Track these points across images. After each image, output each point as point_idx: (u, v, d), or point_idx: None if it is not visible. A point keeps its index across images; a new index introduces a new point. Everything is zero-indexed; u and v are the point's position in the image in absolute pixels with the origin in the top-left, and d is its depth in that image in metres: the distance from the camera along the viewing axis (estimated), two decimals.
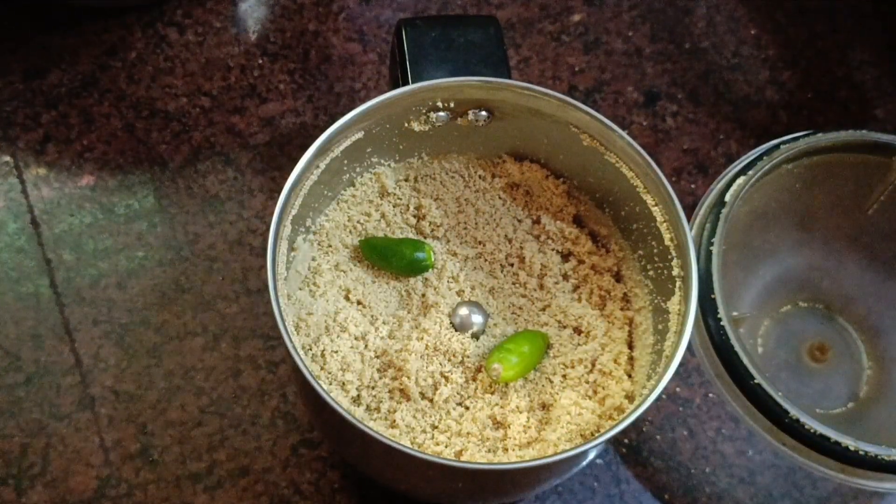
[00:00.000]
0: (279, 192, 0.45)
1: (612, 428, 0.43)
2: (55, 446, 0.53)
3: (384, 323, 0.50)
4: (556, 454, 0.44)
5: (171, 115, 0.62)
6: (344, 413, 0.41)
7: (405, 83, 0.51)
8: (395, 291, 0.51)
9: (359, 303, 0.50)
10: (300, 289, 0.50)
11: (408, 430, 0.47)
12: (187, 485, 0.52)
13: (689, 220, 0.48)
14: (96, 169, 0.60)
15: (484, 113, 0.51)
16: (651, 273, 0.50)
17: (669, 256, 0.48)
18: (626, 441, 0.55)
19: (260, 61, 0.64)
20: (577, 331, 0.51)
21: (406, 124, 0.51)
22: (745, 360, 0.47)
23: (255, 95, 0.63)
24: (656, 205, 0.49)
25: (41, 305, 0.56)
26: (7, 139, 0.60)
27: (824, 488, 0.55)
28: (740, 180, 0.51)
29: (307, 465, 0.53)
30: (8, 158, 0.60)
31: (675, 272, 0.48)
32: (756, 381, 0.47)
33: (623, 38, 0.67)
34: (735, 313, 0.53)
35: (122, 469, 0.52)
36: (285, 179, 0.46)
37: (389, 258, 0.51)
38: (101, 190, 0.59)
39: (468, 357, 0.49)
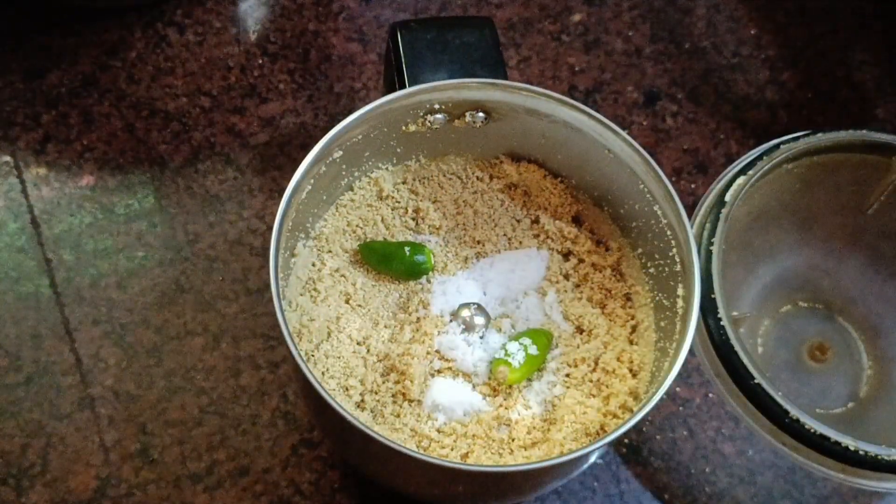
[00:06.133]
0: (279, 192, 0.45)
1: (619, 427, 0.42)
2: (55, 446, 0.53)
3: (386, 327, 0.50)
4: (562, 454, 0.44)
5: (171, 115, 0.62)
6: (352, 420, 0.41)
7: (402, 86, 0.51)
8: (395, 295, 0.51)
9: (360, 307, 0.50)
10: (301, 294, 0.50)
11: (412, 434, 0.47)
12: (187, 485, 0.52)
13: (689, 220, 0.48)
14: (96, 169, 0.60)
15: (481, 114, 0.51)
16: (652, 270, 0.50)
17: (670, 253, 0.48)
18: (626, 441, 0.55)
19: (260, 61, 0.64)
20: (579, 330, 0.51)
21: (403, 127, 0.51)
22: (745, 360, 0.47)
23: (255, 95, 0.63)
24: (657, 203, 0.49)
25: (41, 305, 0.56)
26: (7, 139, 0.60)
27: (824, 488, 0.55)
28: (740, 180, 0.51)
29: (307, 465, 0.53)
30: (8, 158, 0.60)
31: (677, 269, 0.48)
32: (756, 381, 0.47)
33: (623, 38, 0.67)
34: (735, 313, 0.53)
35: (122, 469, 0.52)
36: (285, 179, 0.46)
37: (389, 262, 0.51)
38: (101, 190, 0.59)
39: (471, 359, 0.49)
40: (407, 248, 0.51)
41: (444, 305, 0.50)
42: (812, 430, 0.47)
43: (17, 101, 0.61)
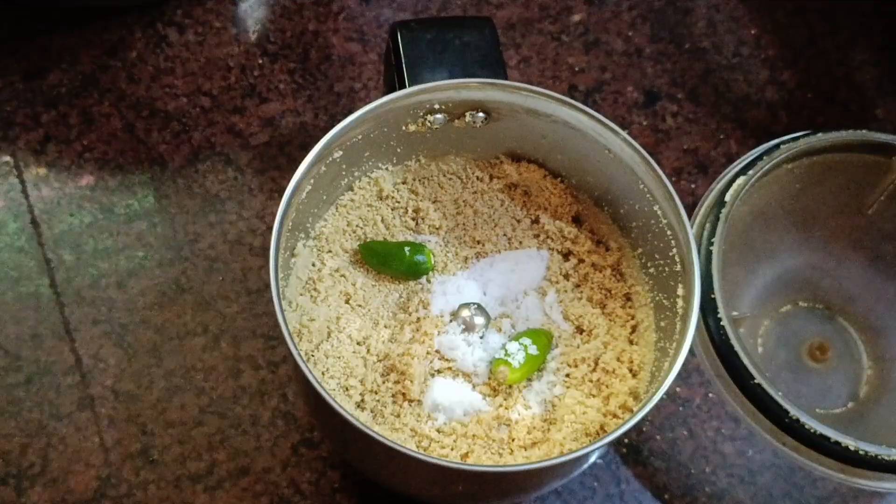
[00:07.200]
0: (279, 192, 0.46)
1: (619, 427, 0.42)
2: (55, 446, 0.53)
3: (385, 327, 0.50)
4: (562, 454, 0.44)
5: (171, 115, 0.62)
6: (352, 420, 0.41)
7: (402, 86, 0.51)
8: (395, 295, 0.51)
9: (360, 307, 0.50)
10: (301, 294, 0.50)
11: (412, 434, 0.47)
12: (187, 485, 0.52)
13: (689, 220, 0.48)
14: (96, 169, 0.60)
15: (481, 114, 0.51)
16: (652, 270, 0.50)
17: (670, 253, 0.48)
18: (626, 441, 0.55)
19: (260, 61, 0.64)
20: (579, 330, 0.51)
21: (403, 127, 0.51)
22: (745, 360, 0.47)
23: (255, 95, 0.63)
24: (657, 203, 0.49)
25: (41, 305, 0.56)
26: (7, 139, 0.60)
27: (824, 488, 0.55)
28: (740, 180, 0.51)
29: (307, 465, 0.53)
30: (8, 158, 0.60)
31: (677, 269, 0.48)
32: (756, 381, 0.47)
33: (623, 38, 0.67)
34: (735, 313, 0.53)
35: (122, 469, 0.52)
36: (285, 179, 0.46)
37: (389, 262, 0.51)
38: (101, 190, 0.59)
39: (471, 359, 0.49)
40: (407, 248, 0.51)
41: (444, 305, 0.50)
42: (812, 430, 0.47)
43: (17, 101, 0.61)
